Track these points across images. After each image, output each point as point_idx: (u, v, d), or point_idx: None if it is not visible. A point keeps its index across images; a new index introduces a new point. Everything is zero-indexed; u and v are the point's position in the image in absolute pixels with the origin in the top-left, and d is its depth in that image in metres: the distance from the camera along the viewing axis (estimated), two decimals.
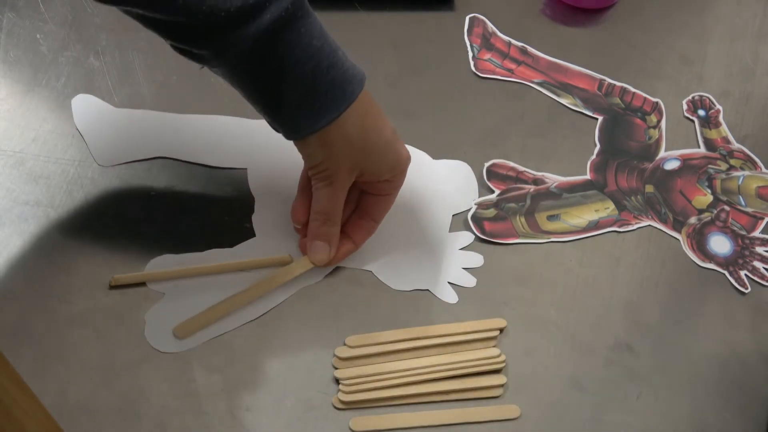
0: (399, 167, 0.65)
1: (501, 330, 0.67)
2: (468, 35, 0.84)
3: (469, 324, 0.67)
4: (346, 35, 0.82)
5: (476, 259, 0.70)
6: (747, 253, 0.74)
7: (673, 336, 0.69)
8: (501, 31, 0.85)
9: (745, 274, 0.73)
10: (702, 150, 0.81)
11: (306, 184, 0.66)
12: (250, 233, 0.69)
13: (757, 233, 0.76)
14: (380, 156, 0.63)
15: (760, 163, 0.80)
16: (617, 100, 0.82)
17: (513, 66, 0.83)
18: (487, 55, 0.83)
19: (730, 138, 0.82)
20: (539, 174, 0.76)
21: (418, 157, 0.75)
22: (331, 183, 0.63)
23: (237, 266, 0.67)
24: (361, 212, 0.67)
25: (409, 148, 0.75)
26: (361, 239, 0.68)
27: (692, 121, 0.82)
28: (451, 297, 0.68)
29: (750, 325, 0.71)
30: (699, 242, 0.75)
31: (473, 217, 0.72)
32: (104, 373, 0.61)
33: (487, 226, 0.72)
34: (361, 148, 0.62)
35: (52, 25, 0.78)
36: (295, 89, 0.58)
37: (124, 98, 0.74)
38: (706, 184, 0.78)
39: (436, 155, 0.76)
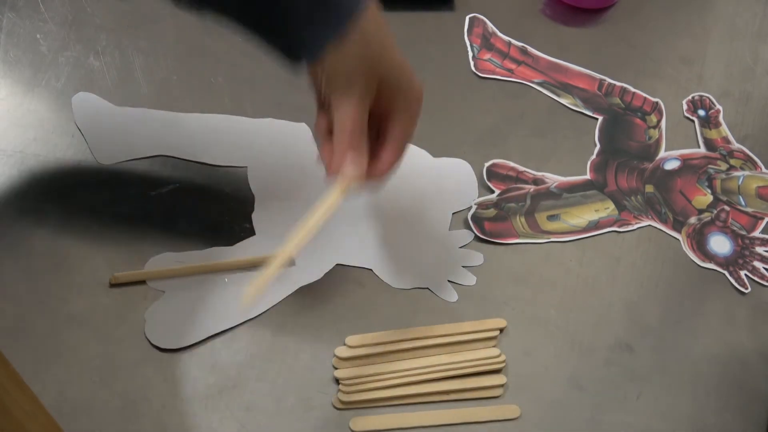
0: (415, 87, 0.61)
1: (501, 330, 0.67)
2: (468, 35, 0.84)
3: (469, 324, 0.67)
4: None
5: (476, 258, 0.70)
6: (747, 253, 0.74)
7: (673, 336, 0.70)
8: (501, 31, 0.85)
9: (745, 274, 0.73)
10: (702, 150, 0.81)
11: (323, 103, 0.62)
12: (249, 231, 0.69)
13: (757, 233, 0.76)
14: (398, 67, 0.60)
15: (760, 163, 0.80)
16: (617, 100, 0.82)
17: (513, 66, 0.83)
18: (487, 55, 0.83)
19: (730, 138, 0.82)
20: (539, 174, 0.76)
21: (418, 155, 0.75)
22: (353, 94, 0.59)
23: (237, 264, 0.67)
24: (382, 140, 0.63)
25: (410, 147, 0.76)
26: (389, 158, 0.63)
27: (692, 121, 0.82)
28: (450, 295, 0.68)
29: (750, 325, 0.71)
30: (699, 242, 0.75)
31: (473, 216, 0.72)
32: (104, 373, 0.61)
33: (487, 226, 0.72)
34: (379, 55, 0.59)
35: (52, 25, 0.78)
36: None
37: (124, 98, 0.74)
38: (706, 184, 0.78)
39: (436, 155, 0.76)
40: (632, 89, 0.83)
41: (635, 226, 0.75)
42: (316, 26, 0.57)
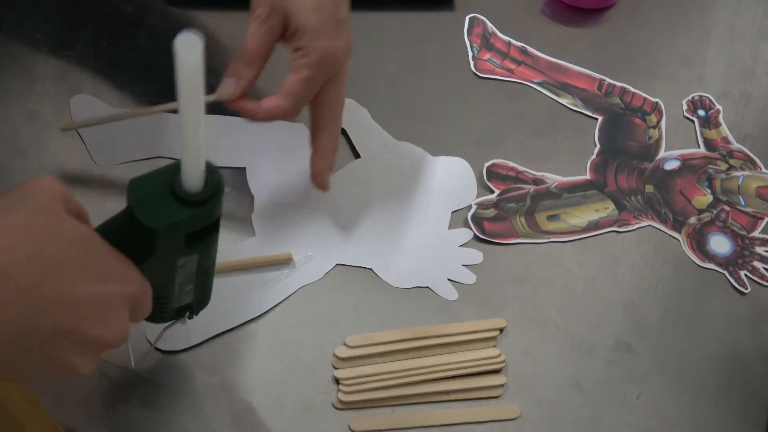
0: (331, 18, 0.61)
1: (501, 330, 0.67)
2: (468, 35, 0.84)
3: (469, 324, 0.67)
4: None
5: (476, 256, 0.70)
6: (747, 253, 0.74)
7: (673, 336, 0.69)
8: (501, 31, 0.85)
9: (745, 274, 0.73)
10: (702, 150, 0.80)
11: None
12: (249, 232, 0.69)
13: (757, 233, 0.76)
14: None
15: (760, 163, 0.80)
16: (617, 100, 0.82)
17: (513, 66, 0.83)
18: (487, 55, 0.83)
19: (730, 138, 0.82)
20: (539, 174, 0.76)
21: (416, 154, 0.75)
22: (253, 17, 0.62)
23: (236, 265, 0.67)
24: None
25: (408, 146, 0.76)
26: (270, 104, 0.65)
27: (692, 121, 0.82)
28: (450, 294, 0.68)
29: (750, 325, 0.71)
30: (699, 242, 0.74)
31: (473, 217, 0.72)
32: (104, 372, 0.61)
33: (487, 226, 0.72)
34: None
35: (52, 25, 0.78)
36: None
37: (123, 98, 0.74)
38: (706, 184, 0.78)
39: (435, 155, 0.76)
40: (632, 89, 0.83)
41: (635, 226, 0.75)
42: None
